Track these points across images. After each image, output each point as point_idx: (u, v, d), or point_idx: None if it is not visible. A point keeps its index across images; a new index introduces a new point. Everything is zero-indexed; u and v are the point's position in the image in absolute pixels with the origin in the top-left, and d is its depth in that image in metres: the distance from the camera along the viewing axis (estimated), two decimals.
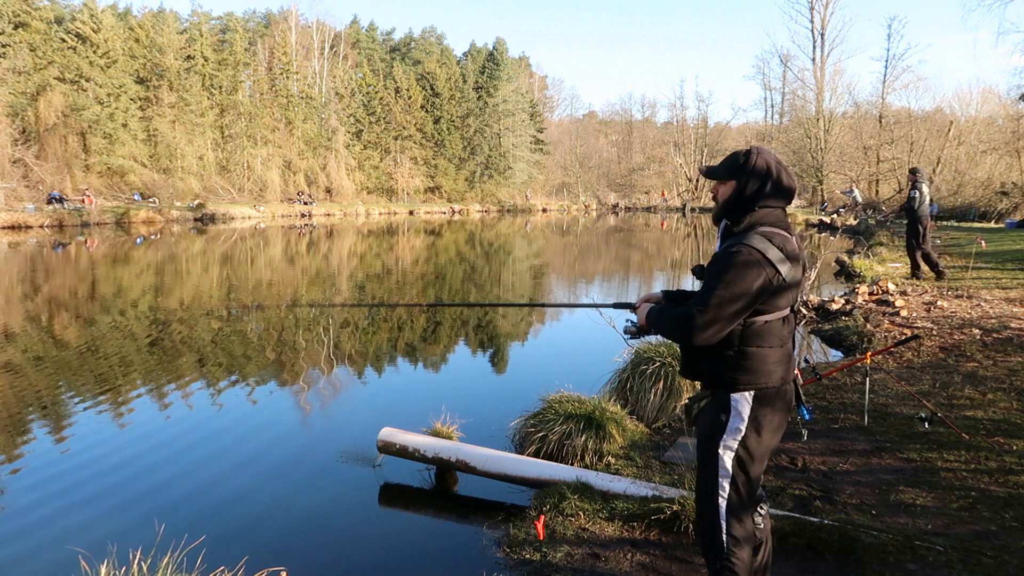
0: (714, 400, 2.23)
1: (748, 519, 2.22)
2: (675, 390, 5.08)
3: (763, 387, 2.15)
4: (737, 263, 2.05)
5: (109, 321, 9.96)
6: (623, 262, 20.99)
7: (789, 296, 2.15)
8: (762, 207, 2.16)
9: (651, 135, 71.58)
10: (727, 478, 2.17)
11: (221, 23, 52.37)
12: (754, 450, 2.16)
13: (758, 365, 2.13)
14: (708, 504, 2.22)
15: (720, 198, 2.26)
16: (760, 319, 2.12)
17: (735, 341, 2.13)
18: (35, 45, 33.26)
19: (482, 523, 3.72)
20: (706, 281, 2.16)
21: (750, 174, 2.16)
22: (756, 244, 2.07)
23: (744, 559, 2.18)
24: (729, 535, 2.17)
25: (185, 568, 2.79)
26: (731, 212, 2.22)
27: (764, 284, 2.05)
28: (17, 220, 27.29)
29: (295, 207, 41.53)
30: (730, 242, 2.15)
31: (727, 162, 2.24)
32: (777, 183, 2.16)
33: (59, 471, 4.62)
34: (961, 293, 9.28)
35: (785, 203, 2.21)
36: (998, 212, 25.69)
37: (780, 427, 2.24)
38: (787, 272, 2.08)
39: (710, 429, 2.22)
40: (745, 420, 2.15)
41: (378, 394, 6.70)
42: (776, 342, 2.15)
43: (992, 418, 4.66)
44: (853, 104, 42.65)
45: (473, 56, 63.30)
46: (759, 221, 2.15)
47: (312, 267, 17.96)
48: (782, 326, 2.17)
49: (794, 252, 2.13)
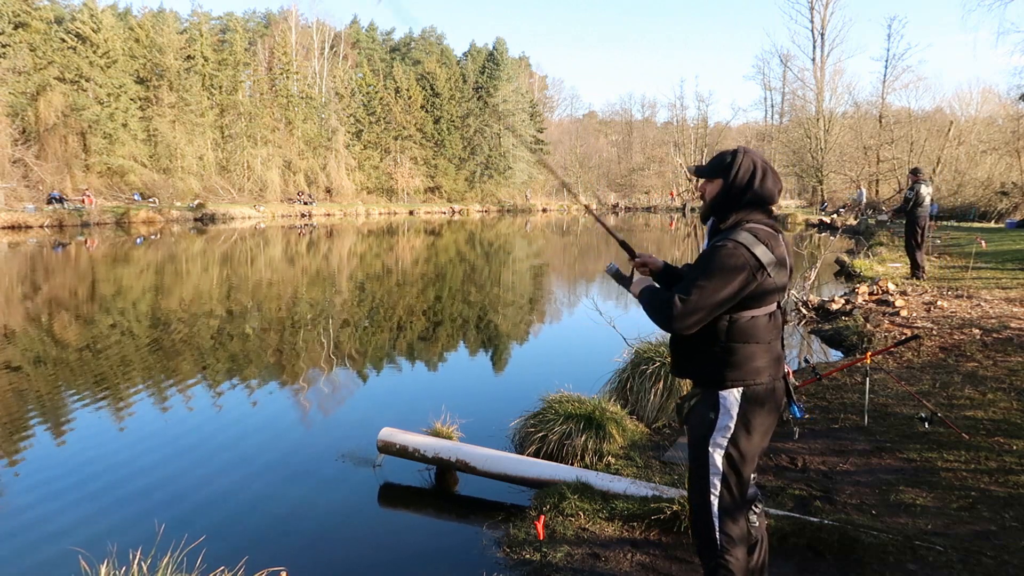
0: (703, 399, 2.25)
1: (742, 517, 2.23)
2: (675, 390, 5.07)
3: (751, 384, 2.16)
4: (721, 255, 2.08)
5: (109, 321, 9.96)
6: (623, 262, 20.97)
7: (775, 293, 2.17)
8: (748, 205, 2.19)
9: (651, 135, 71.61)
10: (718, 476, 2.18)
11: (221, 23, 52.39)
12: (744, 448, 2.17)
13: (745, 362, 2.14)
14: (701, 503, 2.23)
15: (707, 196, 2.29)
16: (746, 314, 2.13)
17: (721, 337, 2.14)
18: (35, 45, 33.28)
19: (482, 523, 3.72)
20: (690, 272, 2.20)
21: (736, 173, 2.19)
22: (741, 239, 2.10)
23: (739, 557, 2.19)
24: (723, 533, 2.19)
25: (185, 568, 2.79)
26: (718, 210, 2.25)
27: (748, 278, 2.07)
28: (17, 220, 27.30)
29: (295, 207, 41.54)
30: (717, 238, 2.19)
31: (714, 161, 2.28)
32: (763, 182, 2.19)
33: (59, 470, 4.62)
34: (961, 293, 9.28)
35: (771, 202, 2.23)
36: (998, 212, 25.69)
37: (771, 426, 2.24)
38: (772, 268, 2.10)
39: (700, 428, 2.23)
40: (734, 418, 2.16)
41: (378, 394, 6.70)
42: (763, 338, 2.17)
43: (992, 418, 4.66)
44: (853, 104, 42.69)
45: (473, 56, 63.31)
46: (745, 218, 2.19)
47: (312, 267, 17.96)
48: (768, 322, 2.18)
49: (780, 249, 2.16)
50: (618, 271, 2.55)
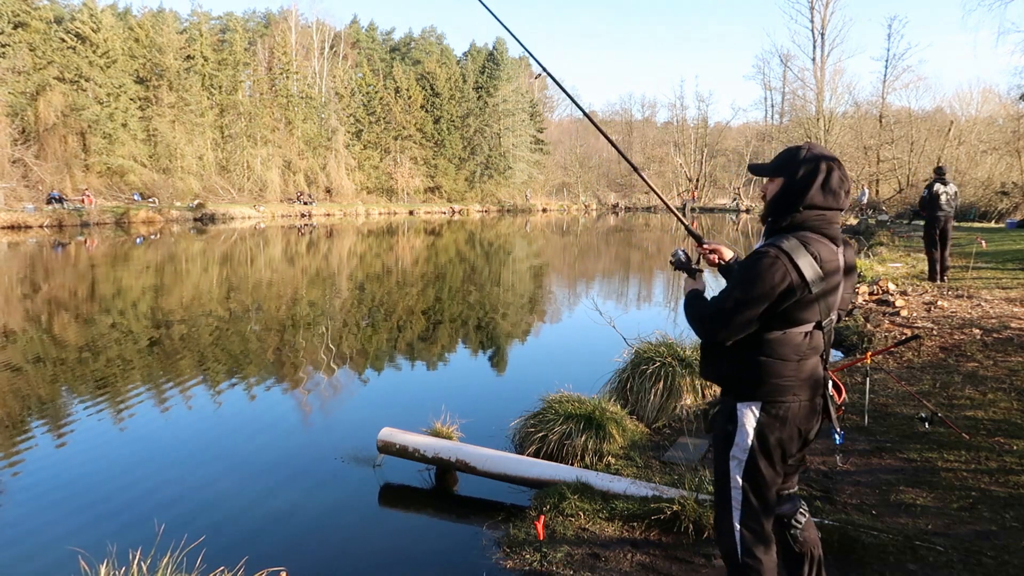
0: (723, 409, 2.18)
1: (766, 527, 2.14)
2: (675, 390, 5.07)
3: (772, 401, 2.04)
4: (760, 266, 1.96)
5: (109, 321, 9.95)
6: (623, 262, 20.99)
7: (816, 309, 2.02)
8: (807, 208, 2.03)
9: (651, 135, 71.64)
10: (738, 489, 2.11)
11: (221, 23, 52.36)
12: (761, 464, 2.07)
13: (768, 378, 2.03)
14: (722, 511, 2.18)
15: (767, 196, 2.15)
16: (779, 329, 2.02)
17: (748, 348, 2.05)
18: (35, 45, 33.27)
19: (482, 523, 3.71)
20: (730, 280, 2.11)
21: (797, 171, 2.04)
22: (785, 247, 1.97)
23: (761, 570, 2.12)
24: (743, 546, 2.12)
25: (185, 568, 2.78)
26: (775, 210, 2.11)
27: (786, 292, 1.95)
28: (17, 220, 27.29)
29: (295, 207, 41.54)
30: (763, 243, 2.08)
31: (778, 158, 2.14)
32: (826, 182, 2.02)
33: (58, 471, 4.62)
34: (961, 293, 9.27)
35: (836, 204, 2.05)
36: (998, 212, 25.69)
37: (791, 444, 2.09)
38: (815, 283, 1.96)
39: (720, 439, 2.18)
40: (750, 433, 2.06)
41: (378, 394, 6.70)
42: (792, 355, 2.03)
43: (992, 418, 4.66)
44: (853, 104, 42.65)
45: (473, 56, 63.30)
46: (801, 224, 2.04)
47: (312, 267, 17.95)
48: (803, 340, 2.03)
49: (832, 262, 2.01)
50: (682, 259, 2.40)
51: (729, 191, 63.34)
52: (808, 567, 2.28)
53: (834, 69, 43.40)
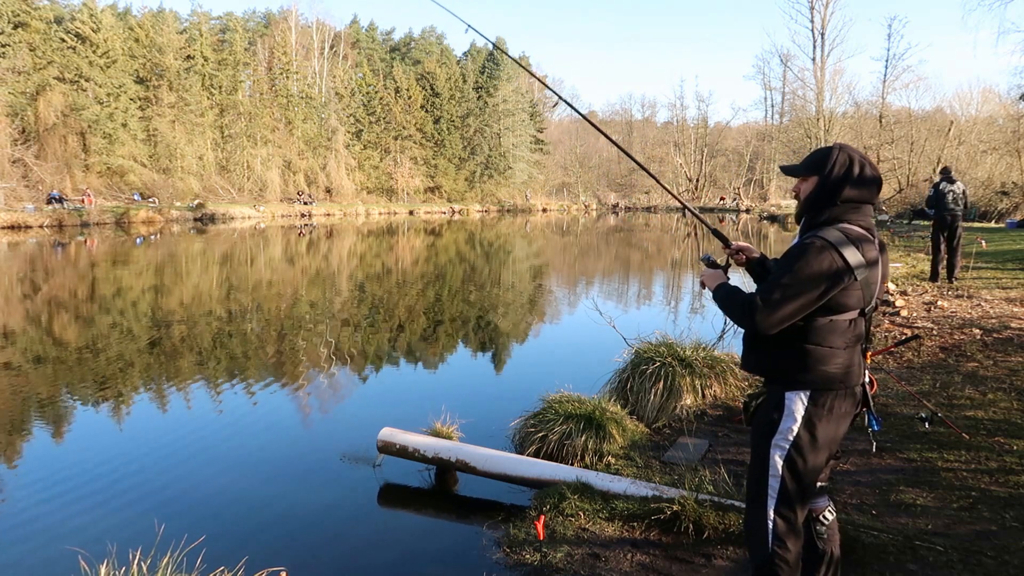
0: (769, 398, 2.21)
1: (797, 521, 2.16)
2: (675, 390, 5.07)
3: (820, 388, 2.09)
4: (808, 254, 2.02)
5: (108, 321, 9.96)
6: (623, 262, 20.99)
7: (860, 296, 2.08)
8: (844, 202, 2.12)
9: (651, 135, 71.60)
10: (777, 478, 2.13)
11: (221, 23, 52.33)
12: (806, 454, 2.10)
13: (817, 365, 2.08)
14: (756, 502, 2.18)
15: (801, 195, 2.23)
16: (825, 317, 2.07)
17: (796, 337, 2.09)
18: (35, 45, 33.29)
19: (482, 523, 3.71)
20: (776, 270, 2.13)
21: (832, 169, 2.13)
22: (831, 238, 2.04)
23: (788, 560, 2.13)
24: (775, 535, 2.13)
25: (185, 568, 2.78)
26: (811, 208, 2.19)
27: (834, 279, 2.01)
28: (17, 220, 27.30)
29: (295, 207, 41.55)
30: (806, 234, 2.13)
31: (810, 158, 2.22)
32: (860, 178, 2.12)
33: (58, 470, 4.61)
34: (961, 293, 9.27)
35: (870, 197, 2.16)
36: (998, 212, 25.71)
37: (837, 434, 2.16)
38: (860, 270, 2.03)
39: (763, 428, 2.19)
40: (798, 421, 2.10)
41: (378, 394, 6.70)
42: (839, 343, 2.09)
43: (992, 418, 4.66)
44: (853, 104, 42.63)
45: (473, 56, 63.31)
46: (839, 217, 2.12)
47: (312, 267, 17.96)
48: (848, 327, 2.10)
49: (872, 253, 2.08)
50: (711, 260, 2.48)
51: (729, 191, 63.32)
52: (826, 568, 2.30)
53: (834, 69, 43.44)
